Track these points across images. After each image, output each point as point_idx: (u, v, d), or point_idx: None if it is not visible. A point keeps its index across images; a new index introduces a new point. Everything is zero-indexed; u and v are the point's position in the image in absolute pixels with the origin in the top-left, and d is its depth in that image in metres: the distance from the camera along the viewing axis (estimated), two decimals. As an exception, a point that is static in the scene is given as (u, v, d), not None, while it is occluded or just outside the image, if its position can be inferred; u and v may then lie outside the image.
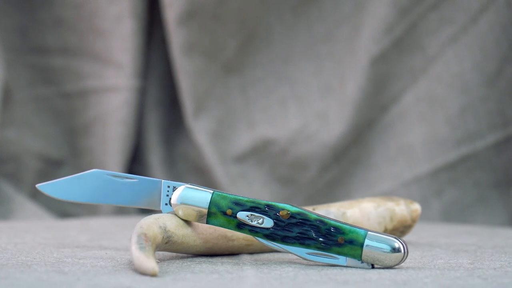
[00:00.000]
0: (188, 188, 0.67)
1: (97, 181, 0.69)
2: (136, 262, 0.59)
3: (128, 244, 0.64)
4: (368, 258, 0.64)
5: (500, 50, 1.16)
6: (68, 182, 0.69)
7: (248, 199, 0.66)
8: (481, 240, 0.89)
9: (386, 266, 0.64)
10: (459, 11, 1.17)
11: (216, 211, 0.66)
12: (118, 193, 0.69)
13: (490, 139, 1.17)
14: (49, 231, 0.94)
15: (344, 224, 0.65)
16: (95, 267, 0.63)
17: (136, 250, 0.60)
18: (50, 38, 1.30)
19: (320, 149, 1.23)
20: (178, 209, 0.67)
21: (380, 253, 0.64)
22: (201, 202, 0.66)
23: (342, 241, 0.64)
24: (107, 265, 0.64)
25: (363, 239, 0.64)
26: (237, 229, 0.66)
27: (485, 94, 1.17)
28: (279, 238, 0.65)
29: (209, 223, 0.66)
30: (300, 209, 0.65)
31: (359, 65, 1.21)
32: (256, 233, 0.66)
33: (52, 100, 1.30)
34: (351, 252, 0.64)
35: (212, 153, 1.26)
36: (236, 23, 1.25)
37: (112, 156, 1.27)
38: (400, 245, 0.64)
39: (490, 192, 1.18)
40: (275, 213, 0.65)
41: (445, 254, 0.74)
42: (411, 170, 1.20)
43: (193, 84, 1.26)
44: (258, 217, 0.66)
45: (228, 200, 0.66)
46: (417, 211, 0.77)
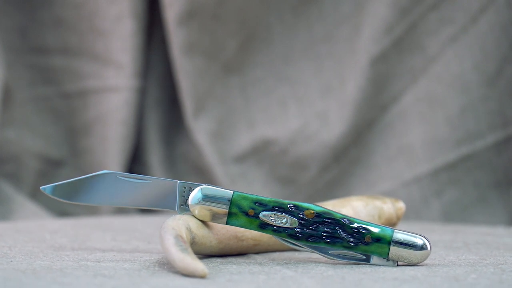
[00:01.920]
0: (206, 188, 0.66)
1: (108, 183, 0.67)
2: (181, 264, 0.58)
3: (163, 246, 0.61)
4: (395, 256, 0.65)
5: (500, 50, 1.16)
6: (77, 183, 0.67)
7: (270, 199, 0.66)
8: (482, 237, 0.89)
9: (411, 263, 0.65)
10: (459, 11, 1.17)
11: (237, 211, 0.65)
12: (131, 195, 0.67)
13: (490, 139, 1.17)
14: (57, 232, 0.92)
15: (370, 223, 0.65)
16: (133, 270, 0.61)
17: (178, 252, 0.59)
18: (50, 38, 1.30)
19: (320, 149, 1.23)
20: (196, 210, 0.66)
21: (407, 250, 0.64)
22: (221, 202, 0.65)
23: (369, 240, 0.65)
24: (141, 267, 0.62)
25: (390, 237, 0.64)
26: (259, 229, 0.66)
27: (485, 94, 1.17)
28: (304, 238, 0.65)
29: (230, 223, 0.66)
30: (324, 209, 0.66)
31: (359, 65, 1.21)
32: (279, 233, 0.65)
33: (52, 100, 1.30)
34: (378, 250, 0.65)
35: (212, 153, 1.26)
36: (236, 23, 1.25)
37: (112, 156, 1.27)
38: (426, 242, 0.64)
39: (490, 192, 1.18)
40: (299, 213, 0.65)
41: (453, 251, 0.75)
42: (411, 170, 1.20)
43: (193, 84, 1.26)
44: (282, 217, 0.65)
45: (250, 201, 0.65)
46: (402, 209, 0.78)
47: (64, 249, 0.74)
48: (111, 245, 0.78)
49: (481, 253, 0.74)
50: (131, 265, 0.64)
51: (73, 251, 0.73)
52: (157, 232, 0.89)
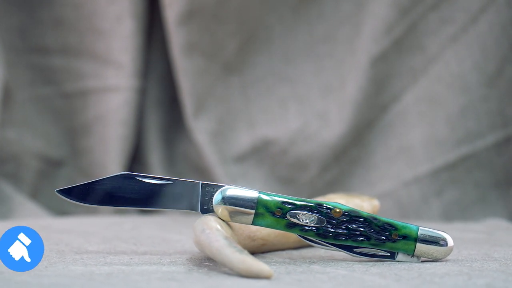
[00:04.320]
0: (231, 189, 0.65)
1: (127, 185, 0.65)
2: (242, 266, 0.57)
3: (212, 248, 0.60)
4: (420, 252, 0.66)
5: (500, 50, 1.16)
6: (93, 186, 0.66)
7: (297, 198, 0.66)
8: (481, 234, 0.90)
9: (435, 259, 0.66)
10: (459, 11, 1.17)
11: (264, 211, 0.65)
12: (152, 197, 0.66)
13: (490, 139, 1.17)
14: (86, 235, 0.90)
15: (395, 220, 0.66)
16: (193, 271, 0.60)
17: (236, 254, 0.58)
18: (50, 38, 1.30)
19: (320, 149, 1.23)
20: (221, 211, 0.65)
21: (433, 247, 0.66)
22: (247, 203, 0.65)
23: (396, 237, 0.65)
24: (188, 270, 0.61)
25: (416, 234, 0.65)
26: (286, 229, 0.65)
27: (485, 94, 1.17)
28: (332, 236, 0.65)
29: (256, 223, 0.65)
30: (351, 207, 0.66)
31: (359, 65, 1.21)
32: (306, 232, 0.66)
33: (52, 100, 1.30)
34: (405, 247, 0.66)
35: (212, 153, 1.26)
36: (236, 23, 1.25)
37: (112, 156, 1.27)
38: (449, 238, 0.66)
39: (490, 192, 1.18)
40: (327, 212, 0.65)
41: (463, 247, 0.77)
42: (411, 170, 1.20)
43: (193, 84, 1.26)
44: (309, 216, 0.65)
45: (276, 201, 0.65)
46: (377, 206, 0.81)
47: (101, 252, 0.72)
48: (131, 248, 0.77)
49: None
50: (177, 268, 0.63)
51: (117, 255, 0.71)
52: (143, 234, 0.89)
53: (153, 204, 0.66)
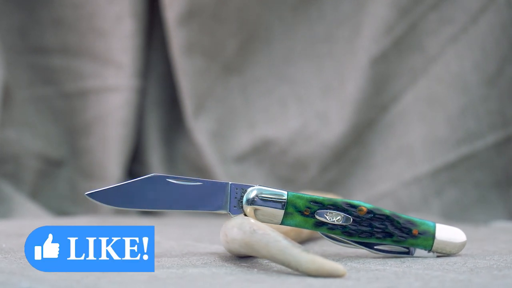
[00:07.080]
0: (260, 189, 0.66)
1: (157, 186, 0.65)
2: (313, 265, 0.57)
3: (272, 248, 0.59)
4: (437, 248, 0.67)
5: (500, 50, 1.16)
6: (124, 188, 0.65)
7: (324, 197, 0.67)
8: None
9: (450, 254, 0.68)
10: (459, 11, 1.17)
11: (293, 211, 0.66)
12: (181, 198, 0.66)
13: (490, 139, 1.17)
14: None
15: (413, 218, 0.67)
16: (252, 271, 0.60)
17: (303, 253, 0.57)
18: (50, 38, 1.30)
19: (320, 149, 1.23)
20: (250, 211, 0.66)
21: (449, 242, 0.67)
22: (276, 203, 0.66)
23: (416, 233, 0.67)
24: (245, 271, 0.61)
25: (434, 230, 0.67)
26: (314, 228, 0.66)
27: (485, 94, 1.17)
28: (357, 234, 0.67)
29: (284, 223, 0.66)
30: (374, 206, 0.67)
31: (359, 65, 1.21)
32: (333, 231, 0.66)
33: (52, 100, 1.30)
34: (424, 243, 0.67)
35: (212, 153, 1.26)
36: (236, 23, 1.25)
37: (112, 156, 1.27)
38: (463, 233, 0.68)
39: (490, 192, 1.18)
40: (352, 210, 0.66)
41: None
42: (411, 170, 1.20)
43: (193, 84, 1.26)
44: (336, 215, 0.66)
45: (305, 200, 0.66)
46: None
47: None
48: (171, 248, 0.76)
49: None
50: (228, 270, 0.62)
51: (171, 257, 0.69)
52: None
53: (183, 206, 0.66)
